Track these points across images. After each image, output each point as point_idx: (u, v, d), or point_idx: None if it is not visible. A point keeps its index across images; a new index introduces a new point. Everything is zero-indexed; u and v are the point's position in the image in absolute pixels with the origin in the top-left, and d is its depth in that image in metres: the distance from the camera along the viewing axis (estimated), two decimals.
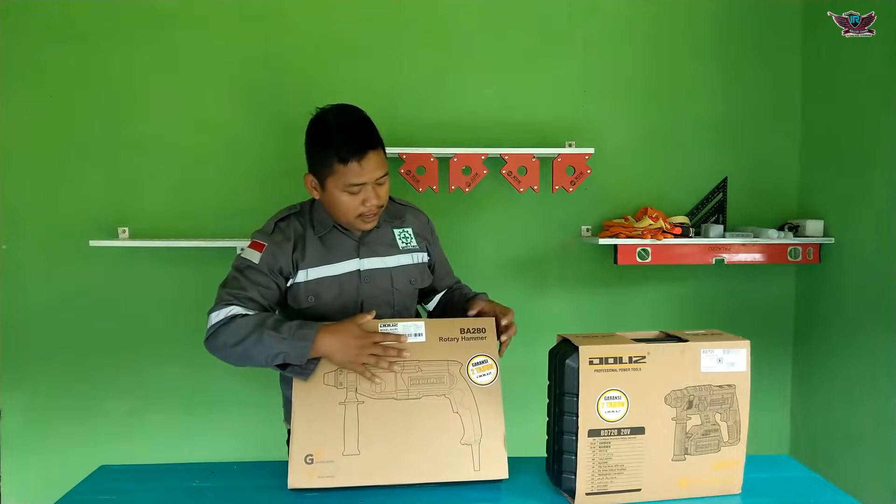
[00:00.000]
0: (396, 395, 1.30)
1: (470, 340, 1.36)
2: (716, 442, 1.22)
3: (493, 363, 1.35)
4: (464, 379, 1.33)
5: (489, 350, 1.36)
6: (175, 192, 2.52)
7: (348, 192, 1.45)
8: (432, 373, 1.33)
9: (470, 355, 1.35)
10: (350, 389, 1.30)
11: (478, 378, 1.33)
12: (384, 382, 1.30)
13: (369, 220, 1.50)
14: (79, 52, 2.45)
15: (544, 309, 2.64)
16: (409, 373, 1.32)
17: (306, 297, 1.51)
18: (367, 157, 1.43)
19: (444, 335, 1.36)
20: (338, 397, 1.29)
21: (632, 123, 2.61)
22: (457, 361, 1.34)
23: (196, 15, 2.48)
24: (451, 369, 1.33)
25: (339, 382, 1.30)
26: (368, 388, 1.30)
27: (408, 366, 1.32)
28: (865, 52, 2.25)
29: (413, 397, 1.30)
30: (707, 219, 2.62)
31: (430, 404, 1.30)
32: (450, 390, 1.32)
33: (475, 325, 1.38)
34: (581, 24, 2.58)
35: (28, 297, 2.51)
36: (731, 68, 2.62)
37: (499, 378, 1.34)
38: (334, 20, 2.52)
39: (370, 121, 1.50)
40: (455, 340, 1.36)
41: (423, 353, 1.34)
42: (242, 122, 2.51)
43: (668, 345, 1.22)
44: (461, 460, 1.28)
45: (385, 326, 1.35)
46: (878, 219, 2.22)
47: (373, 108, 2.49)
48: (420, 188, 2.42)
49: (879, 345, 2.18)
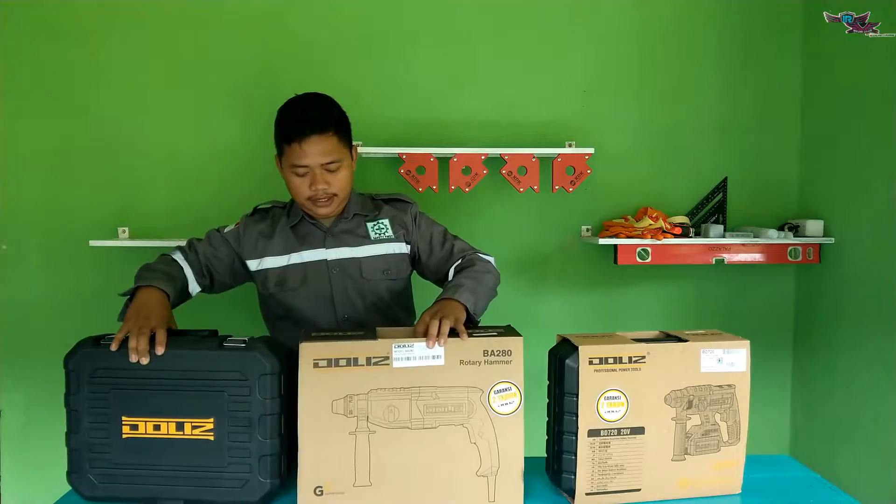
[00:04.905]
0: (411, 425, 1.22)
1: (493, 364, 1.23)
2: (716, 442, 1.22)
3: (517, 391, 1.24)
4: (484, 408, 1.23)
5: (514, 376, 1.24)
6: (175, 192, 2.52)
7: (294, 174, 1.51)
8: (450, 400, 1.23)
9: (492, 382, 1.23)
10: (361, 419, 1.21)
11: (500, 407, 1.23)
12: (398, 411, 1.22)
13: (321, 204, 1.53)
14: (79, 53, 2.45)
15: (544, 309, 2.64)
16: (426, 400, 1.22)
17: (273, 282, 1.59)
18: (308, 140, 1.46)
19: (465, 358, 1.24)
20: (348, 426, 1.21)
21: (632, 123, 2.61)
22: (478, 388, 1.23)
23: (196, 16, 2.48)
24: (471, 397, 1.23)
25: (349, 411, 1.21)
26: (381, 416, 1.22)
27: (424, 393, 1.22)
28: (865, 51, 2.25)
29: (429, 426, 1.22)
30: (707, 219, 2.62)
31: (447, 434, 1.22)
32: (468, 419, 1.23)
33: (500, 347, 1.24)
34: (581, 24, 2.58)
35: (28, 297, 2.51)
36: (731, 68, 2.62)
37: (522, 406, 1.24)
38: (334, 20, 2.52)
39: (330, 108, 1.54)
40: (477, 364, 1.23)
41: (441, 378, 1.23)
42: (242, 122, 2.50)
43: (668, 345, 1.22)
44: (476, 492, 1.23)
45: (400, 347, 1.23)
46: (878, 219, 2.21)
47: (373, 108, 2.53)
48: (420, 188, 2.42)
49: (879, 345, 2.18)
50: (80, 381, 1.21)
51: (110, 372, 1.21)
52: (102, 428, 1.21)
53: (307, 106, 1.53)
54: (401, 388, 1.21)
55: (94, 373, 1.21)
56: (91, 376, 1.21)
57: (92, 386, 1.21)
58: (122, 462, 1.21)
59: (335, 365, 1.20)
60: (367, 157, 2.51)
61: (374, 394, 1.21)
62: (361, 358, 1.21)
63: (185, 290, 1.54)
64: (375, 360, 1.21)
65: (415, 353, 1.23)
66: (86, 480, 1.22)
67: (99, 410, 1.21)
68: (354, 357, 1.21)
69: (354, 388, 1.20)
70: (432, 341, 1.22)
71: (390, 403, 1.21)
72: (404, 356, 1.22)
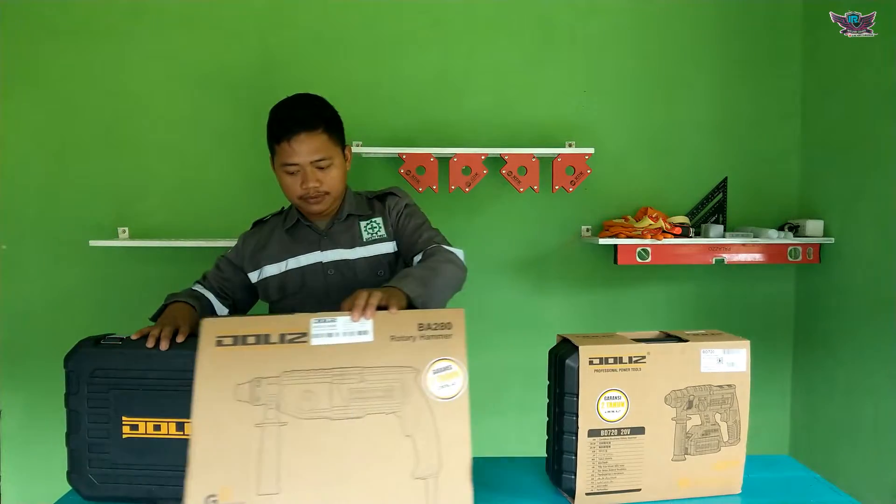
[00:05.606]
0: (331, 414, 1.00)
1: (431, 339, 1.04)
2: (716, 442, 1.22)
3: (459, 369, 1.03)
4: (421, 391, 1.02)
5: (455, 352, 1.04)
6: (175, 192, 2.52)
7: (286, 172, 1.51)
8: (379, 383, 1.02)
9: (430, 359, 1.03)
10: (270, 407, 1.00)
11: (439, 390, 1.02)
12: (316, 397, 1.00)
13: (313, 202, 1.53)
14: (79, 52, 2.46)
15: (544, 309, 2.64)
16: (350, 383, 1.00)
17: (274, 290, 1.59)
18: (298, 138, 1.47)
19: (396, 333, 1.04)
20: (253, 417, 0.99)
21: (632, 123, 2.61)
22: (412, 368, 1.03)
23: (196, 14, 2.48)
24: (404, 378, 1.02)
25: (255, 398, 0.99)
26: (295, 404, 0.99)
27: (348, 375, 1.01)
28: (865, 52, 2.25)
29: (353, 416, 1.00)
30: (707, 219, 2.62)
31: (375, 425, 1.00)
32: (401, 406, 1.01)
33: (438, 320, 1.05)
34: (581, 24, 2.58)
35: (28, 297, 2.51)
36: (731, 68, 2.62)
37: (467, 389, 1.02)
38: (334, 20, 2.52)
39: (320, 107, 1.54)
40: (411, 339, 1.04)
41: (368, 357, 1.02)
42: (243, 121, 2.50)
43: (668, 345, 1.22)
44: (412, 499, 1.00)
45: (320, 322, 1.04)
46: (878, 219, 2.21)
47: (373, 108, 2.53)
48: (420, 188, 2.42)
49: (879, 345, 2.18)
50: (80, 381, 1.21)
51: (110, 372, 1.21)
52: (102, 428, 1.20)
53: (297, 105, 1.53)
54: (320, 370, 1.01)
55: (94, 373, 1.21)
56: (91, 376, 1.21)
57: (92, 386, 1.20)
58: (121, 462, 1.20)
59: (242, 343, 1.02)
60: (367, 157, 2.51)
61: (288, 376, 1.01)
62: (274, 335, 1.02)
63: (212, 309, 1.55)
64: (291, 337, 1.02)
65: (338, 329, 1.04)
66: (86, 480, 1.21)
67: (99, 410, 1.20)
68: (265, 333, 1.02)
69: (264, 370, 1.01)
70: (357, 312, 1.05)
71: (307, 388, 1.01)
72: (325, 332, 1.04)
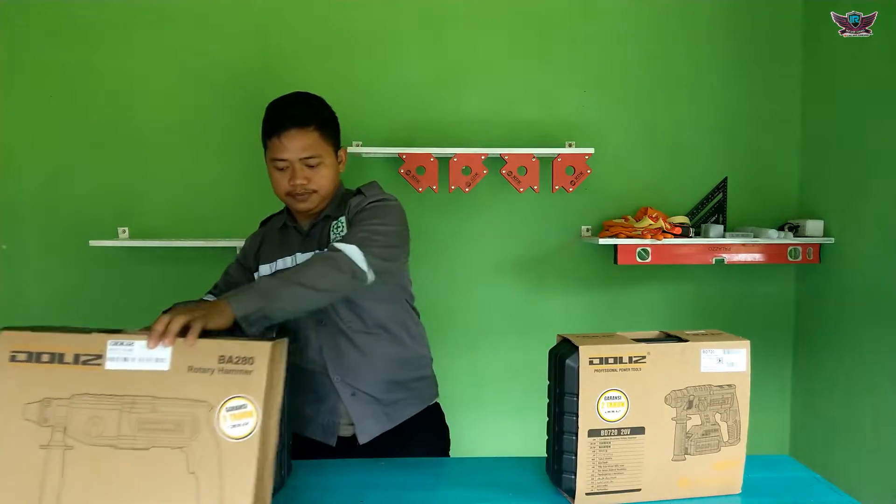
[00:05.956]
0: (118, 443, 0.97)
1: (229, 374, 0.99)
2: (716, 442, 1.22)
3: (254, 409, 0.99)
4: (211, 429, 0.98)
5: (253, 390, 0.99)
6: (175, 192, 2.52)
7: (276, 168, 1.51)
8: (170, 415, 0.98)
9: (225, 396, 0.99)
10: (58, 430, 0.97)
11: (230, 429, 0.98)
12: (104, 423, 0.97)
13: (300, 199, 1.52)
14: (79, 52, 2.46)
15: (544, 309, 2.64)
16: (140, 412, 0.97)
17: None
18: (288, 134, 1.47)
19: (195, 364, 1.00)
20: (40, 438, 0.96)
21: (632, 123, 2.61)
22: (206, 403, 0.98)
23: (196, 14, 2.48)
24: (196, 413, 0.98)
25: (44, 419, 0.97)
26: (82, 429, 0.97)
27: (140, 403, 0.98)
28: (865, 52, 2.25)
29: (139, 447, 0.97)
30: (707, 219, 2.62)
31: (160, 459, 0.97)
32: (189, 442, 0.98)
33: (241, 353, 1.00)
34: (581, 23, 2.58)
35: (28, 297, 2.51)
36: (731, 68, 2.62)
37: (259, 430, 0.99)
38: (334, 20, 2.52)
39: (314, 106, 1.53)
40: (209, 373, 0.99)
41: (162, 387, 0.99)
42: (243, 121, 2.50)
43: (668, 345, 1.22)
44: None
45: (117, 345, 1.01)
46: (878, 219, 2.22)
47: (373, 108, 2.53)
48: (420, 188, 2.42)
49: (879, 344, 2.18)
50: None
51: None
52: None
53: (291, 102, 1.53)
54: (112, 396, 0.98)
55: None
56: None
57: None
58: None
59: (36, 360, 0.99)
60: (367, 157, 2.51)
61: (79, 399, 0.98)
62: (69, 354, 0.99)
63: None
64: (85, 359, 1.00)
65: (134, 354, 1.00)
66: None
67: None
68: (60, 352, 0.99)
69: (55, 391, 0.98)
70: (154, 340, 1.01)
71: (96, 413, 0.98)
72: (121, 356, 1.00)
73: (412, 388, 1.62)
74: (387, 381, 1.56)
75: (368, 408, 1.54)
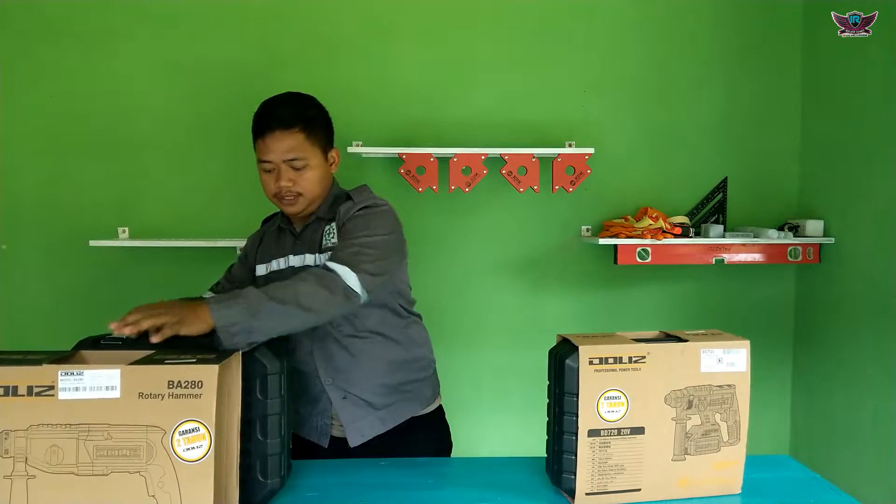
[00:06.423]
0: (77, 470, 1.01)
1: (179, 399, 1.02)
2: (716, 442, 1.22)
3: (206, 432, 1.02)
4: (166, 453, 1.02)
5: (203, 413, 1.02)
6: (175, 192, 2.52)
7: (263, 169, 1.51)
8: (126, 442, 1.02)
9: (177, 421, 1.02)
10: (19, 460, 1.01)
11: (185, 452, 1.02)
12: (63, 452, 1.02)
13: (287, 202, 1.51)
14: (79, 52, 2.46)
15: (544, 309, 2.64)
16: (96, 440, 1.01)
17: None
18: (273, 135, 1.46)
19: (145, 390, 1.02)
20: (2, 469, 1.01)
21: (631, 123, 2.61)
22: (158, 428, 1.02)
23: (196, 14, 2.48)
24: (150, 438, 1.02)
25: (5, 450, 1.01)
26: (43, 459, 1.01)
27: (95, 431, 1.02)
28: (865, 52, 2.25)
29: (99, 473, 1.01)
30: (707, 219, 2.62)
31: (120, 484, 1.01)
32: (146, 466, 1.02)
33: (189, 377, 1.03)
34: (581, 24, 2.58)
35: (28, 297, 2.51)
36: (731, 68, 2.62)
37: (212, 452, 1.02)
38: (334, 20, 2.52)
39: (303, 106, 1.51)
40: (160, 398, 1.02)
41: (116, 414, 1.02)
42: (243, 121, 2.48)
43: (668, 345, 1.21)
44: None
45: (67, 375, 1.03)
46: (878, 219, 2.21)
47: (373, 107, 2.53)
48: (420, 188, 2.42)
49: (879, 344, 2.18)
50: None
51: None
52: None
53: (279, 103, 1.51)
54: (66, 425, 1.02)
55: None
56: None
57: None
58: None
59: None
60: (367, 157, 2.52)
61: (36, 430, 1.02)
62: (22, 386, 1.02)
63: None
64: (38, 390, 1.02)
65: (85, 383, 1.03)
66: None
67: None
68: (13, 385, 1.02)
69: (13, 423, 1.02)
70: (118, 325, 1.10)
71: (54, 443, 1.01)
72: (72, 385, 1.03)
73: (408, 390, 1.59)
74: (380, 385, 1.54)
75: (360, 411, 1.53)
